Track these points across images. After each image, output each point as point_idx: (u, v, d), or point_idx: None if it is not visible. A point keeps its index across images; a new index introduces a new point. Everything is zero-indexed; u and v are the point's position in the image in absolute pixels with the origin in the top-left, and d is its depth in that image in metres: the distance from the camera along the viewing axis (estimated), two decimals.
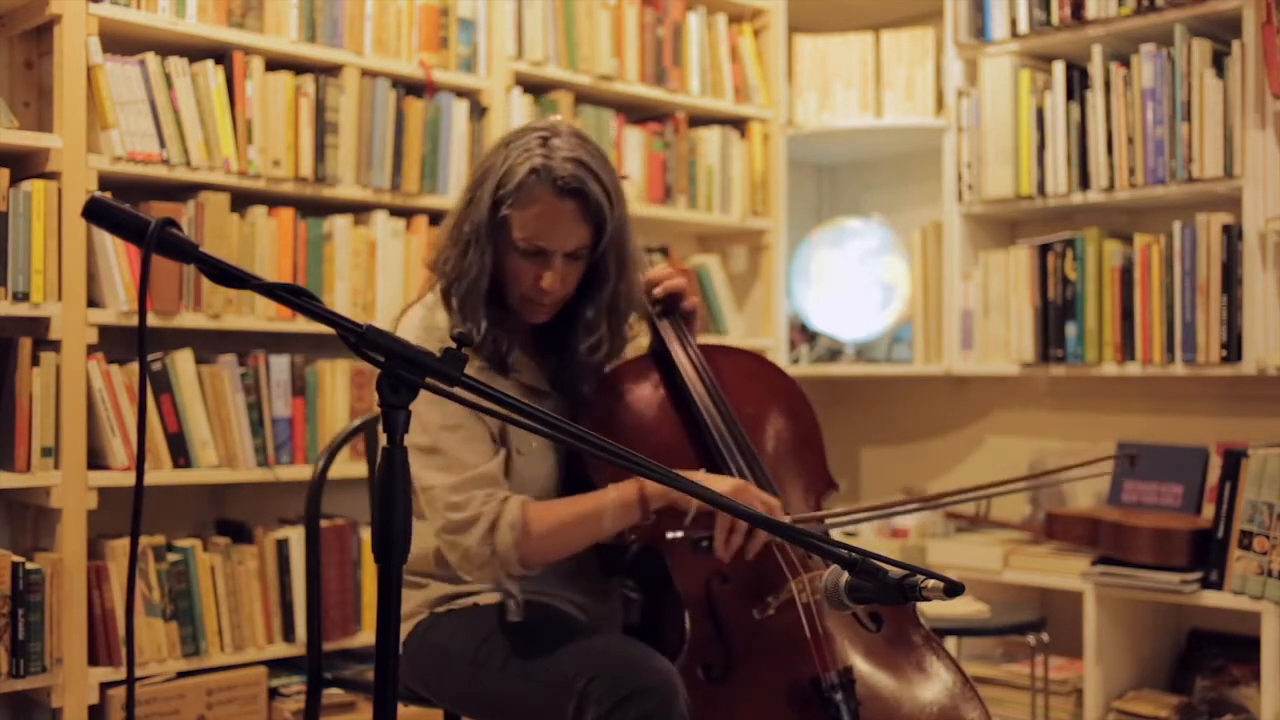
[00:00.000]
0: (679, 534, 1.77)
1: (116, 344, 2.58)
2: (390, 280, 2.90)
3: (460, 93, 3.04)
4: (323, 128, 2.79)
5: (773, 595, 1.79)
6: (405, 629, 1.97)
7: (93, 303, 2.51)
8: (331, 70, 2.84)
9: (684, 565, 1.83)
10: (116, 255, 2.51)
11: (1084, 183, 3.19)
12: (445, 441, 1.83)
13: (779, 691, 1.78)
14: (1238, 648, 3.03)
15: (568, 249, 1.84)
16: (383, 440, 1.22)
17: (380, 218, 2.89)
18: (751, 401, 2.03)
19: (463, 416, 1.84)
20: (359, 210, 2.92)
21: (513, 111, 3.09)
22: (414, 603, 1.99)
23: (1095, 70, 3.15)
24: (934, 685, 1.86)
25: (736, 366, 2.09)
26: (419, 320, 1.93)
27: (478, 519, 1.77)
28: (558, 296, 1.88)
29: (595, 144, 1.88)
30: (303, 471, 2.73)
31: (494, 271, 1.87)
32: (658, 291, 2.04)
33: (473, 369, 1.58)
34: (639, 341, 2.11)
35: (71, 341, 2.44)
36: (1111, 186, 3.12)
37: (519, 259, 1.85)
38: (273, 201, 2.79)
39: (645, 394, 1.99)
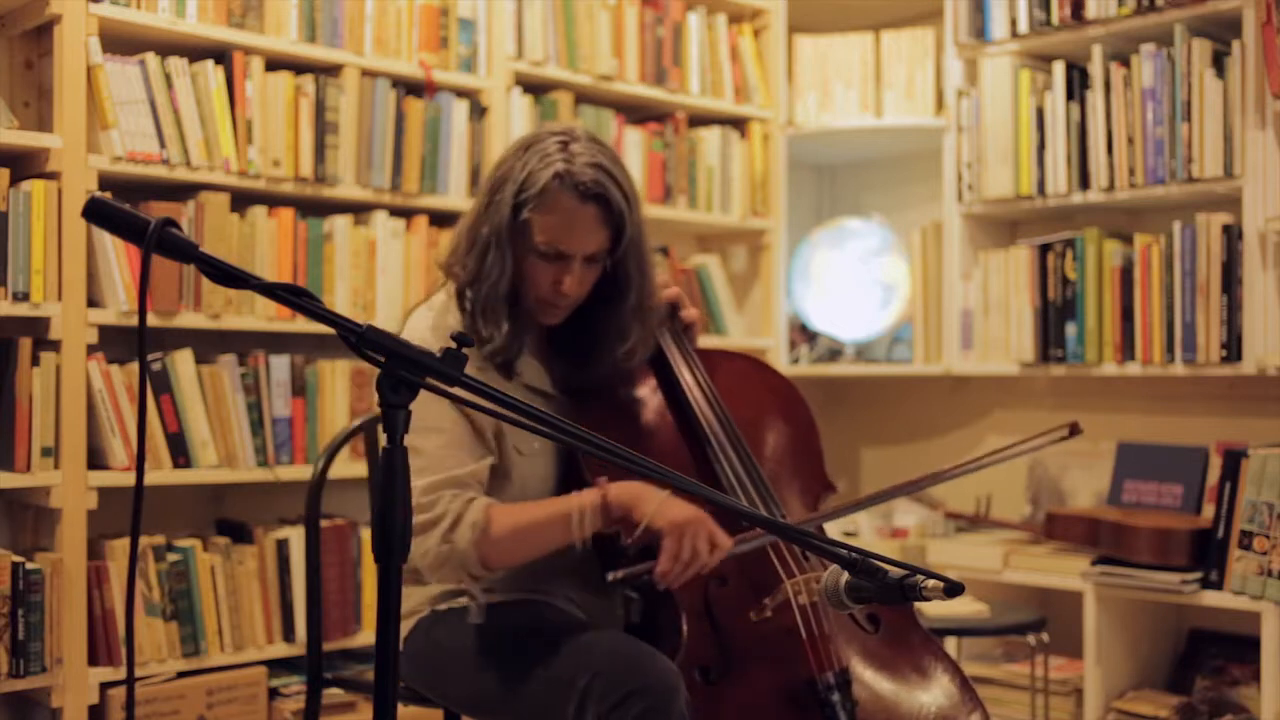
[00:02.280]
0: (619, 574, 1.75)
1: (116, 344, 2.58)
2: (390, 280, 2.90)
3: (460, 93, 3.04)
4: (323, 128, 2.78)
5: (769, 597, 1.79)
6: (406, 626, 1.97)
7: (93, 303, 2.51)
8: (331, 70, 2.84)
9: None
10: (116, 255, 2.51)
11: (1084, 183, 3.19)
12: (429, 443, 1.84)
13: (776, 693, 1.78)
14: (1238, 648, 3.03)
15: (588, 252, 1.87)
16: (383, 440, 1.22)
17: (380, 218, 2.89)
18: (749, 406, 2.04)
19: (450, 420, 1.84)
20: (359, 210, 2.92)
21: (513, 111, 3.09)
22: (415, 600, 1.99)
23: (1095, 70, 3.15)
24: (933, 687, 1.86)
25: (734, 371, 2.09)
26: (428, 322, 1.94)
27: (442, 518, 1.78)
28: (574, 299, 1.91)
29: (611, 149, 1.91)
30: (303, 471, 2.72)
31: (513, 274, 1.89)
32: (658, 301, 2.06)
33: (473, 369, 1.58)
34: None
35: (71, 341, 2.44)
36: (1111, 186, 3.12)
37: (538, 261, 1.88)
38: (273, 201, 2.79)
39: (644, 399, 2.00)
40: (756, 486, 1.92)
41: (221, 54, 2.69)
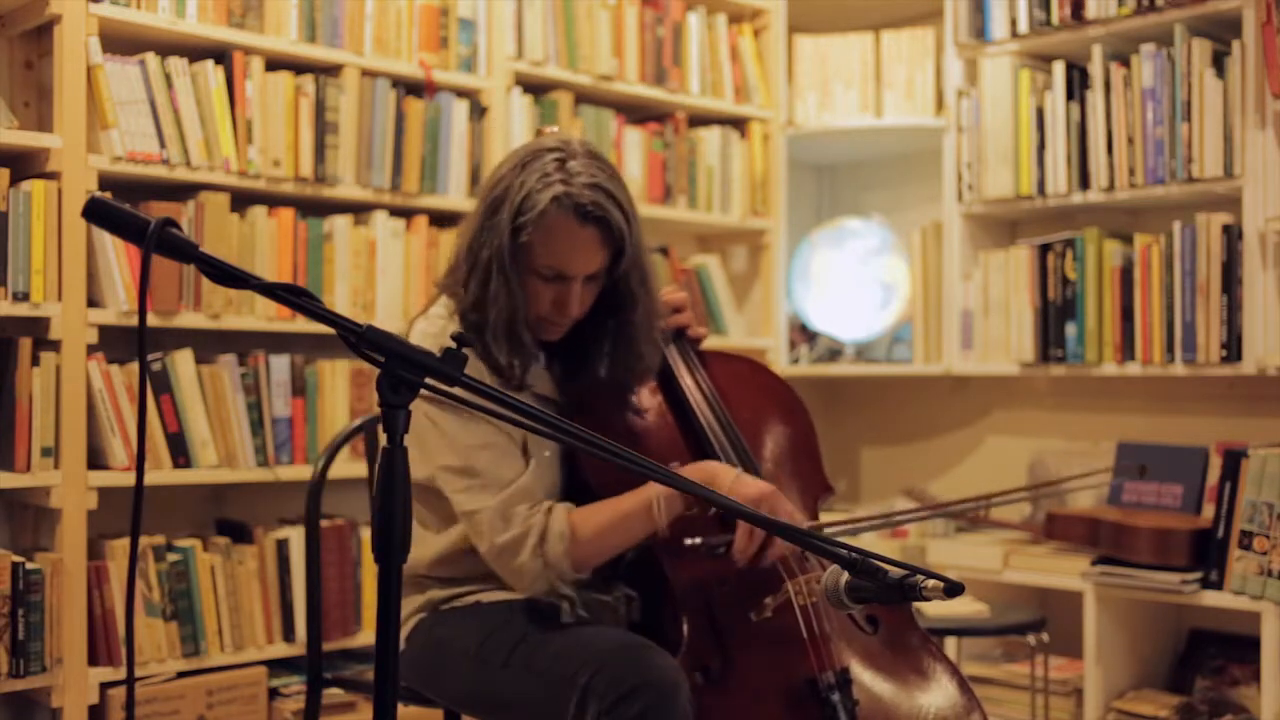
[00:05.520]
0: (697, 540, 1.77)
1: (116, 344, 2.58)
2: (390, 280, 2.90)
3: (460, 93, 3.04)
4: (323, 128, 2.78)
5: (770, 597, 1.79)
6: (406, 629, 1.97)
7: (93, 303, 2.51)
8: (331, 70, 2.84)
9: (680, 569, 1.83)
10: (116, 255, 2.51)
11: (1084, 183, 3.19)
12: (480, 461, 1.83)
13: (777, 693, 1.78)
14: (1238, 648, 3.03)
15: (589, 273, 1.86)
16: (383, 440, 1.22)
17: (380, 218, 2.89)
18: (748, 408, 2.05)
19: (491, 434, 1.84)
20: (359, 210, 2.92)
21: (513, 111, 3.09)
22: (413, 605, 1.99)
23: (1095, 70, 3.15)
24: (931, 687, 1.87)
25: (734, 374, 2.10)
26: (434, 329, 1.92)
27: (527, 534, 1.79)
28: (576, 318, 1.91)
29: (607, 160, 1.88)
30: (303, 471, 2.72)
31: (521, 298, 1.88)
32: (664, 325, 2.04)
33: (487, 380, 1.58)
34: None
35: (71, 341, 2.44)
36: (1111, 186, 3.12)
37: (538, 282, 1.86)
38: (273, 201, 2.79)
39: (645, 401, 2.00)
40: None
41: (221, 54, 2.69)
